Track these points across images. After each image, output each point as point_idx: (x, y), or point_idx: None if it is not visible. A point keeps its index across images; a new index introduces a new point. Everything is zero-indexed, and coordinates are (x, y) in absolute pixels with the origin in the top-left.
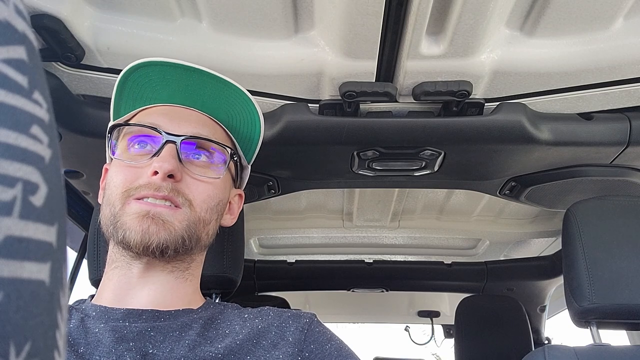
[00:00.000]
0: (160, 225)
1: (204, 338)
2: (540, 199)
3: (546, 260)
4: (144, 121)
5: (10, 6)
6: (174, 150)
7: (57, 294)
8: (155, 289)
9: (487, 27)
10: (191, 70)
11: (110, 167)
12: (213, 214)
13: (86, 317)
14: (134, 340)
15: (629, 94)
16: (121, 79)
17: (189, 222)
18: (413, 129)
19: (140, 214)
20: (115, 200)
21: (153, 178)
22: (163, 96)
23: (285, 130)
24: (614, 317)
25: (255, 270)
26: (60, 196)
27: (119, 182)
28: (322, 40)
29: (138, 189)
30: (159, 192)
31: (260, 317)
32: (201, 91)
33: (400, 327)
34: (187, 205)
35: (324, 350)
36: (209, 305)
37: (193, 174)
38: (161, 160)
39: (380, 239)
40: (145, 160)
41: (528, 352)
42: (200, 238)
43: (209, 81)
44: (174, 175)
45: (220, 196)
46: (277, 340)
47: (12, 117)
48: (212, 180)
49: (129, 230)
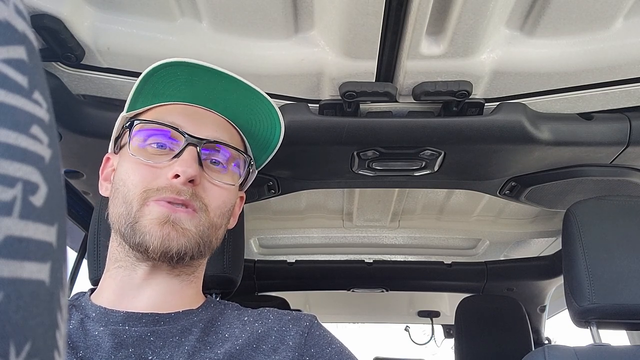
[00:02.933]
0: (180, 232)
1: (203, 344)
2: (540, 199)
3: (546, 260)
4: (164, 119)
5: (10, 6)
6: (195, 154)
7: (57, 294)
8: (158, 291)
9: (487, 27)
10: (220, 75)
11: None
12: (224, 219)
13: (86, 318)
14: (134, 346)
15: (629, 94)
16: (146, 74)
17: (203, 227)
18: (413, 129)
19: (160, 219)
20: (133, 200)
21: (174, 181)
22: (185, 95)
23: (285, 130)
24: (614, 317)
25: (255, 270)
26: (60, 196)
27: (137, 181)
28: (322, 40)
29: (158, 192)
30: (180, 196)
31: (260, 320)
32: (225, 96)
33: (400, 327)
34: (203, 210)
35: (324, 354)
36: (209, 305)
37: (211, 178)
38: (184, 165)
39: (380, 239)
40: (165, 160)
41: (528, 352)
42: (212, 243)
43: (237, 88)
44: (195, 180)
45: (232, 201)
46: (277, 344)
47: (12, 117)
48: (228, 187)
49: (148, 235)
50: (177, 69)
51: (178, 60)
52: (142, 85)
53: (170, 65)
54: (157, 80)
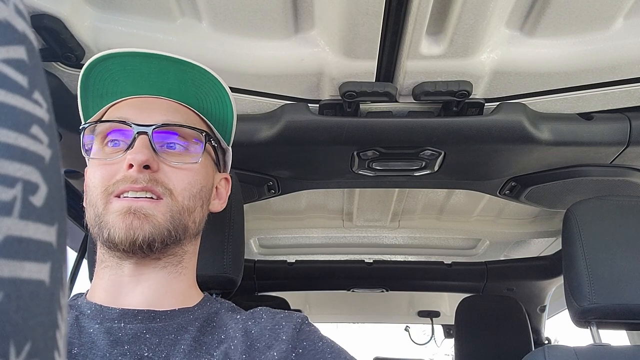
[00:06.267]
0: (143, 219)
1: (199, 343)
2: (540, 199)
3: (546, 260)
4: (112, 116)
5: (10, 6)
6: (147, 141)
7: (57, 294)
8: (149, 287)
9: (487, 27)
10: (151, 57)
11: (89, 168)
12: (197, 200)
13: (81, 315)
14: (129, 344)
15: (629, 94)
16: (82, 76)
17: (172, 212)
18: (413, 129)
19: (121, 211)
20: (97, 201)
21: (129, 171)
22: (127, 88)
23: (285, 130)
24: (614, 317)
25: (255, 270)
26: (60, 196)
27: (97, 182)
28: (322, 40)
29: (116, 184)
30: (137, 185)
31: (253, 319)
32: (165, 77)
33: (400, 327)
34: (168, 195)
35: (316, 347)
36: (205, 303)
37: (170, 162)
38: (134, 152)
39: (380, 239)
40: (120, 155)
41: (528, 352)
42: (187, 227)
43: (171, 66)
44: (150, 165)
45: (203, 182)
46: (272, 341)
47: (12, 117)
48: (190, 167)
49: (112, 228)
50: (108, 62)
51: (105, 53)
52: (84, 90)
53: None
54: (96, 81)
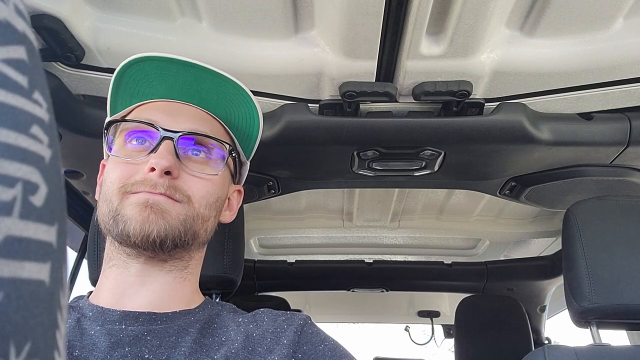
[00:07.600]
0: (159, 214)
1: (200, 345)
2: (540, 199)
3: (546, 260)
4: (140, 117)
5: (10, 6)
6: (172, 147)
7: (57, 294)
8: (154, 290)
9: (487, 27)
10: (189, 66)
11: (107, 163)
12: (212, 210)
13: (82, 317)
14: (130, 345)
15: (629, 94)
16: (117, 74)
17: (186, 216)
18: (413, 129)
19: (139, 203)
20: (112, 196)
21: (150, 175)
22: (160, 91)
23: (285, 130)
24: (614, 317)
25: (255, 270)
26: (60, 196)
27: (115, 178)
28: (322, 40)
29: (134, 185)
30: (156, 189)
31: (255, 322)
32: (199, 86)
33: (400, 327)
34: (185, 202)
35: (317, 350)
36: (206, 306)
37: (191, 170)
38: (158, 157)
39: (380, 239)
40: (143, 156)
41: (528, 352)
42: (198, 234)
43: (207, 76)
44: (171, 172)
45: (219, 193)
46: (273, 345)
47: (12, 117)
48: (210, 177)
49: (129, 221)
50: (146, 64)
51: (144, 55)
52: (116, 87)
53: (139, 61)
54: (129, 80)
